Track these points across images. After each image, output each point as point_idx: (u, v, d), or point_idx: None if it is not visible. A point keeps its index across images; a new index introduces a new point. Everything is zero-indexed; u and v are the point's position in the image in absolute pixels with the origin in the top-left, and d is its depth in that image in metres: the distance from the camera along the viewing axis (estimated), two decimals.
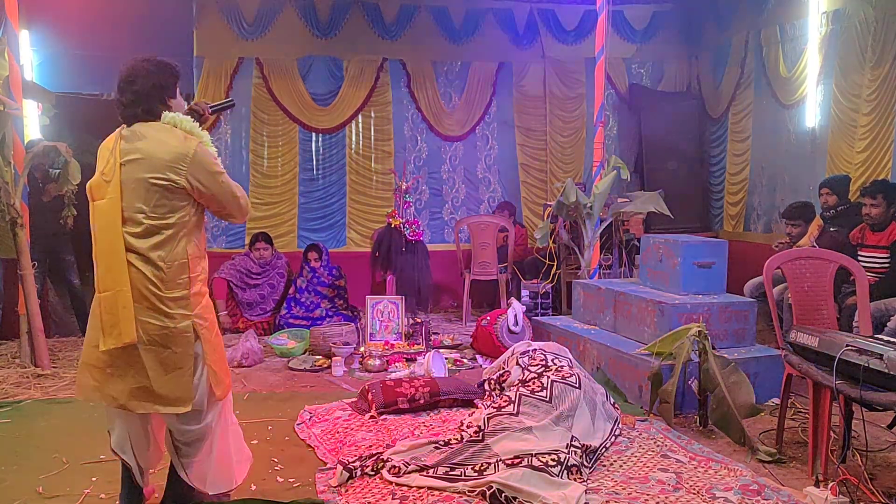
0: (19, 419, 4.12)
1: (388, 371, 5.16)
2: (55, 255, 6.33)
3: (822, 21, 6.15)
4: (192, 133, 2.60)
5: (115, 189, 2.54)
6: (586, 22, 7.70)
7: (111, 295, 2.52)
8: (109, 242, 2.54)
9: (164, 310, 2.55)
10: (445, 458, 3.29)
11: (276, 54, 7.44)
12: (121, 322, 2.50)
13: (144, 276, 2.53)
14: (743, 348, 4.55)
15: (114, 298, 2.51)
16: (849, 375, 2.91)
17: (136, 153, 2.55)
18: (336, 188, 7.70)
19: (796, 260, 3.74)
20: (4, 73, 5.03)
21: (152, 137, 2.56)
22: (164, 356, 2.56)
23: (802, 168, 6.48)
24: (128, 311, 2.50)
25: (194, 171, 2.55)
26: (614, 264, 6.50)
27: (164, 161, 2.52)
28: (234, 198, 2.69)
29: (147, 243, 2.54)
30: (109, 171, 2.57)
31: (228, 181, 2.67)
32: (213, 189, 2.61)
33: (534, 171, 8.08)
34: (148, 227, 2.54)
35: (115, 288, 2.52)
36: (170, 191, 2.54)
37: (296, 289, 6.54)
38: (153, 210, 2.54)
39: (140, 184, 2.53)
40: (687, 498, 3.06)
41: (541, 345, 4.13)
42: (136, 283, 2.53)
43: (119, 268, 2.52)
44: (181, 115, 2.62)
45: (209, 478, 2.76)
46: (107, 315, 2.52)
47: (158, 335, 2.55)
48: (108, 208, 2.56)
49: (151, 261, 2.53)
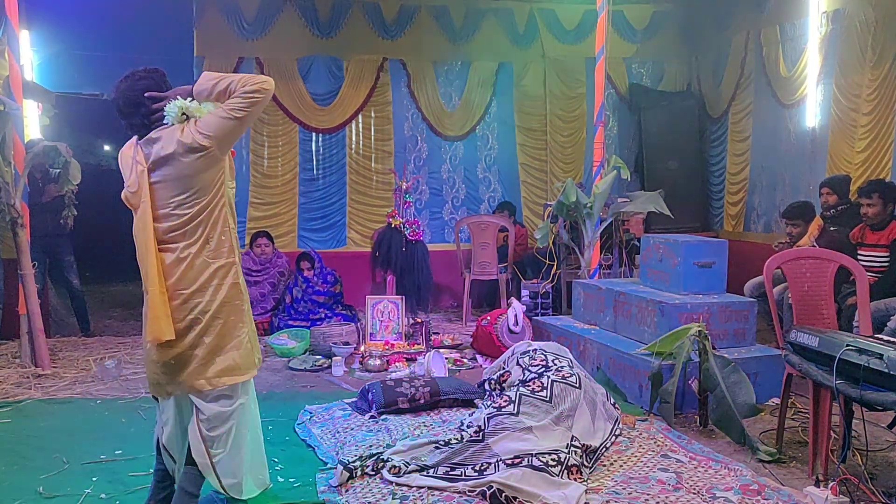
0: (19, 419, 4.12)
1: (388, 371, 5.16)
2: (55, 255, 6.33)
3: (822, 21, 6.14)
4: (190, 114, 2.68)
5: (146, 194, 2.64)
6: (586, 22, 7.70)
7: (150, 295, 2.62)
8: (144, 245, 2.65)
9: (214, 283, 2.67)
10: (445, 458, 3.29)
11: (276, 54, 7.44)
12: (160, 319, 2.59)
13: (193, 260, 2.65)
14: (743, 348, 4.55)
15: (152, 299, 2.61)
16: (849, 375, 2.91)
17: (157, 154, 2.64)
18: (336, 188, 7.70)
19: (796, 260, 3.74)
20: (4, 73, 5.04)
21: (166, 135, 2.65)
22: (219, 328, 2.69)
23: (802, 168, 6.48)
24: (164, 308, 2.61)
25: (207, 129, 2.62)
26: (614, 264, 6.49)
27: (185, 144, 2.61)
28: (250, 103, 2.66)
29: (193, 226, 2.66)
30: (134, 181, 2.66)
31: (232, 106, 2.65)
32: (232, 122, 2.66)
33: (534, 171, 8.08)
34: (191, 214, 2.65)
35: (152, 288, 2.61)
36: (206, 165, 2.65)
37: (292, 298, 6.51)
38: (192, 195, 2.65)
39: (172, 176, 2.64)
40: (687, 498, 3.06)
41: (541, 345, 4.13)
42: (186, 272, 2.65)
43: (153, 269, 2.62)
44: (175, 103, 2.68)
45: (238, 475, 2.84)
46: (150, 310, 2.62)
47: (212, 310, 2.67)
48: (142, 212, 2.65)
49: (199, 241, 2.66)
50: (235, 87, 2.64)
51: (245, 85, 2.63)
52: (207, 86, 2.68)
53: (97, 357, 5.49)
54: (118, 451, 3.59)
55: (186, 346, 2.66)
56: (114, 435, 3.84)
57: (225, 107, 2.65)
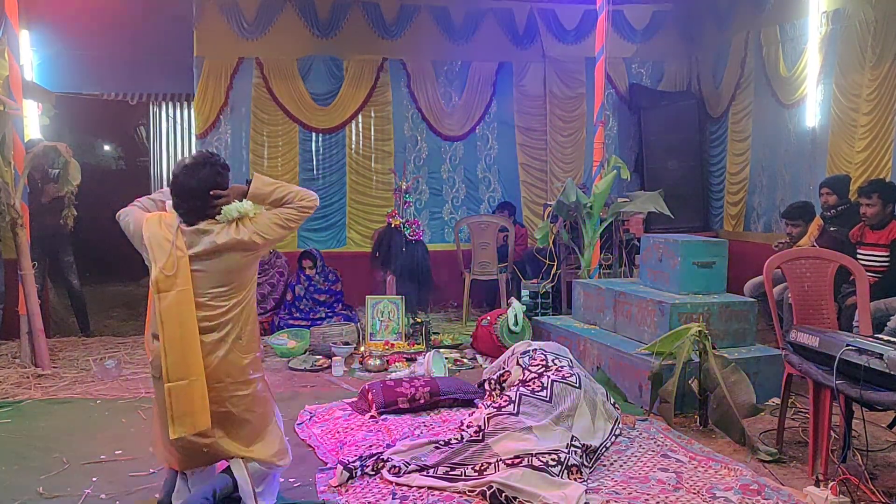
0: (19, 419, 4.12)
1: (388, 371, 5.16)
2: (55, 255, 6.33)
3: (822, 21, 6.14)
4: (244, 214, 2.79)
5: (185, 280, 2.67)
6: (586, 22, 7.70)
7: (186, 384, 2.60)
8: (182, 332, 2.64)
9: (246, 378, 2.74)
10: (445, 457, 3.29)
11: (276, 54, 7.44)
12: (196, 411, 2.60)
13: (227, 355, 2.69)
14: (743, 348, 4.55)
15: (189, 387, 2.60)
16: (849, 375, 2.92)
17: (205, 245, 2.71)
18: (336, 188, 7.69)
19: (796, 260, 3.74)
20: (4, 73, 5.03)
21: (218, 230, 2.75)
22: (251, 420, 2.76)
23: (802, 168, 6.48)
24: (204, 400, 2.61)
25: (263, 231, 2.77)
26: (614, 264, 6.49)
27: (239, 241, 2.73)
28: (302, 217, 2.85)
29: (227, 320, 2.70)
30: (171, 265, 2.68)
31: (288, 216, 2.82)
32: (284, 231, 2.82)
33: (534, 171, 8.08)
34: (229, 306, 2.71)
35: (190, 377, 2.61)
36: (249, 263, 2.76)
37: (294, 296, 6.51)
38: (230, 289, 2.72)
39: (217, 269, 2.71)
40: (687, 498, 3.06)
41: (541, 344, 4.13)
42: (219, 365, 2.67)
43: (194, 357, 2.63)
44: (235, 206, 2.78)
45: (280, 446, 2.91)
46: (178, 404, 2.59)
47: (245, 403, 2.73)
48: (179, 299, 2.66)
49: (232, 335, 2.70)
50: (292, 200, 2.82)
51: (302, 200, 2.84)
52: (265, 191, 2.83)
53: (97, 357, 5.49)
54: (118, 451, 3.59)
55: (220, 436, 2.71)
56: (114, 435, 3.84)
57: (281, 215, 2.81)
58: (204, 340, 2.67)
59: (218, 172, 2.80)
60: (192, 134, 7.79)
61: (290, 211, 2.81)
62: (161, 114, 8.24)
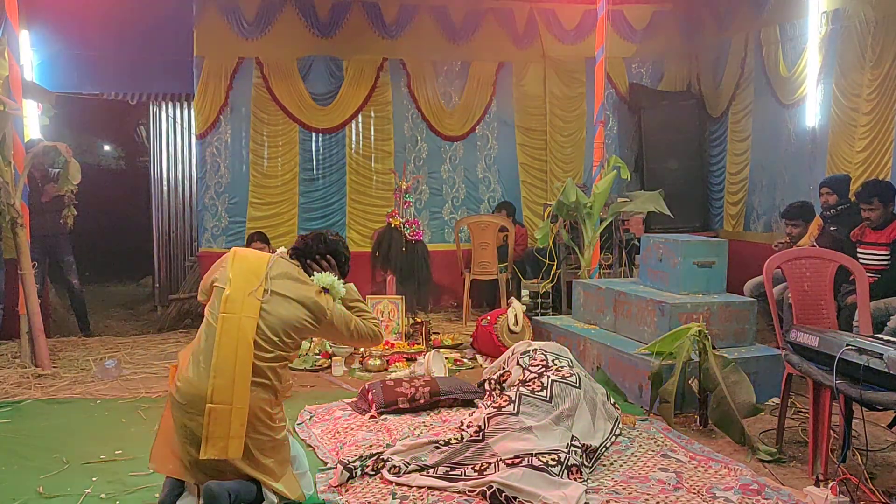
0: (19, 419, 4.12)
1: (388, 371, 5.16)
2: (55, 255, 6.33)
3: (821, 21, 6.14)
4: (333, 289, 2.98)
5: (254, 310, 2.73)
6: (586, 22, 7.70)
7: (226, 409, 2.61)
8: (237, 357, 2.67)
9: (272, 425, 2.76)
10: (446, 457, 3.29)
11: (276, 54, 7.43)
12: (231, 438, 2.61)
13: (262, 399, 2.71)
14: (743, 348, 4.55)
15: (228, 413, 2.61)
16: (849, 375, 2.91)
17: (284, 289, 2.82)
18: (336, 188, 7.69)
19: (796, 260, 3.74)
20: (4, 73, 5.03)
21: (302, 281, 2.91)
22: (271, 464, 2.77)
23: (802, 168, 6.48)
24: (242, 428, 2.63)
25: (332, 313, 2.91)
26: (614, 264, 6.50)
27: (313, 300, 2.86)
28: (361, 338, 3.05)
29: (271, 368, 2.74)
30: (244, 291, 2.76)
31: (357, 326, 3.00)
32: (344, 332, 2.98)
33: (534, 171, 8.08)
34: (277, 355, 2.76)
35: (235, 404, 2.63)
36: (303, 329, 2.84)
37: None
38: (285, 341, 2.78)
39: (279, 316, 2.76)
40: (687, 497, 3.06)
41: (541, 345, 4.13)
42: (254, 403, 2.69)
43: (243, 385, 2.65)
44: (330, 275, 3.00)
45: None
46: (216, 426, 2.60)
47: (267, 447, 2.75)
48: (242, 324, 2.71)
49: (271, 384, 2.74)
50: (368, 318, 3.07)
51: (375, 325, 3.09)
52: (353, 296, 3.08)
53: (97, 357, 5.49)
54: (118, 451, 3.59)
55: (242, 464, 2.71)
56: (114, 435, 3.84)
57: (353, 317, 2.99)
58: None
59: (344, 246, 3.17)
60: (192, 134, 7.80)
61: (362, 324, 3.00)
62: (161, 114, 8.23)
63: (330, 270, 3.03)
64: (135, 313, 8.04)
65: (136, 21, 7.20)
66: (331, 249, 3.08)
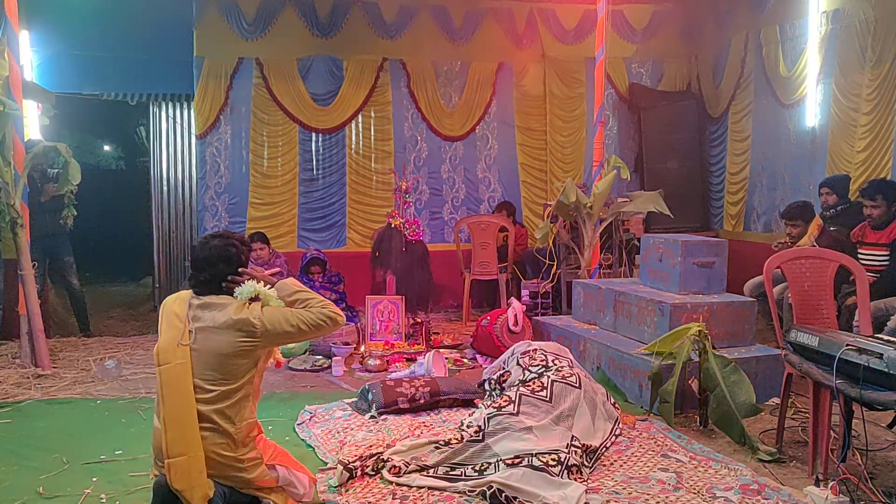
0: (19, 419, 4.12)
1: (388, 371, 5.16)
2: (55, 255, 6.33)
3: (821, 20, 6.14)
4: (261, 296, 2.73)
5: (185, 354, 2.63)
6: (586, 22, 7.70)
7: (185, 460, 2.57)
8: (181, 409, 2.60)
9: (241, 467, 2.67)
10: (446, 458, 3.29)
11: (276, 54, 7.43)
12: (196, 486, 2.57)
13: (217, 444, 2.62)
14: (743, 348, 4.55)
15: (187, 464, 2.57)
16: (849, 375, 2.91)
17: (206, 321, 2.66)
18: (336, 188, 7.69)
19: (796, 260, 3.74)
20: (4, 73, 5.03)
21: (225, 304, 2.69)
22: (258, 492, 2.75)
23: (802, 168, 6.48)
24: (201, 475, 2.58)
25: (268, 318, 2.67)
26: (614, 264, 6.49)
27: (239, 320, 2.63)
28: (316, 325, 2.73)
29: (218, 408, 2.62)
30: (172, 339, 2.66)
31: (302, 317, 2.71)
32: (291, 330, 2.70)
33: (534, 171, 8.08)
34: (220, 392, 2.63)
35: (188, 452, 2.57)
36: (243, 351, 2.65)
37: None
38: (224, 375, 2.64)
39: (212, 351, 2.63)
40: (687, 497, 3.06)
41: (541, 345, 4.13)
42: (209, 450, 2.61)
43: (192, 432, 2.58)
44: (252, 284, 2.73)
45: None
46: (178, 479, 2.56)
47: (250, 484, 2.71)
48: (178, 372, 2.62)
49: (223, 427, 2.62)
50: (314, 305, 2.75)
51: (324, 308, 2.75)
52: (290, 289, 2.79)
53: (97, 357, 5.49)
54: (118, 451, 3.59)
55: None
56: (114, 435, 3.84)
57: (297, 314, 2.71)
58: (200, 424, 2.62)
59: (231, 244, 2.79)
60: (192, 134, 7.80)
61: (308, 313, 2.72)
62: (161, 114, 8.22)
63: (245, 283, 2.75)
64: (135, 313, 8.04)
65: (136, 21, 7.20)
66: (218, 258, 2.75)
